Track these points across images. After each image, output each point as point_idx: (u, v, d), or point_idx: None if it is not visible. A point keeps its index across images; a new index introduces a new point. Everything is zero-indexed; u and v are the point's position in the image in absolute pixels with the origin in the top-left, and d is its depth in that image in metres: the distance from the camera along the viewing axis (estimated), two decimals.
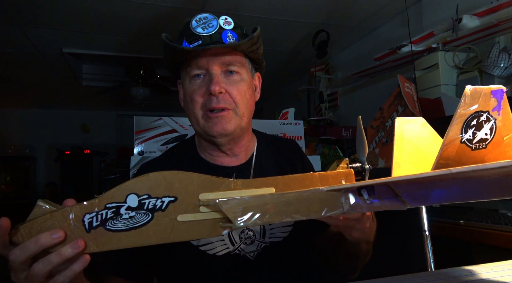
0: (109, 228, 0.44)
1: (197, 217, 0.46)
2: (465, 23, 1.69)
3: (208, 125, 0.78)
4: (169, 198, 0.45)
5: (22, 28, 2.77)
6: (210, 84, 0.75)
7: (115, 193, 0.44)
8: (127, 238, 0.44)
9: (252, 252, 0.78)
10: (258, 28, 0.78)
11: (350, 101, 3.30)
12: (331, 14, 2.62)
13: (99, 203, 0.44)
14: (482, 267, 0.66)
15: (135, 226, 0.44)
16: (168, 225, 0.45)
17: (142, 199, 0.44)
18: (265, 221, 0.43)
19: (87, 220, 0.44)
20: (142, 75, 3.91)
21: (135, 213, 0.44)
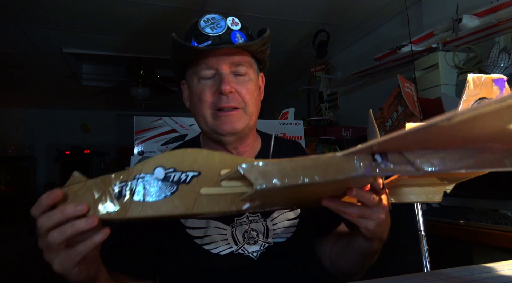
0: (136, 197, 0.47)
1: (219, 191, 0.49)
2: (465, 23, 1.69)
3: (217, 124, 0.78)
4: (193, 173, 0.48)
5: (22, 28, 2.78)
6: (221, 84, 0.76)
7: (144, 166, 0.48)
8: (153, 207, 0.47)
9: (256, 252, 0.79)
10: (267, 29, 0.80)
11: (350, 101, 3.30)
12: (331, 14, 2.62)
13: (128, 174, 0.47)
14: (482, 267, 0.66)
15: (161, 196, 0.47)
16: (191, 197, 0.48)
17: (168, 172, 0.47)
18: (284, 184, 0.44)
19: (117, 189, 0.47)
20: (142, 75, 3.91)
21: (161, 184, 0.47)
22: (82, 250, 0.48)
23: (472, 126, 0.38)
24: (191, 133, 1.55)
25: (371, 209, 0.59)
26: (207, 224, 0.79)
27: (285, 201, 0.60)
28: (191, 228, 0.79)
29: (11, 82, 4.40)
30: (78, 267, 0.50)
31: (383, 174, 0.46)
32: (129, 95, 4.15)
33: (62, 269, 0.50)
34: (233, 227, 0.80)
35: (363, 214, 0.60)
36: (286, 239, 0.82)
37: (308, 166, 0.45)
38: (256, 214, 0.82)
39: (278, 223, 0.83)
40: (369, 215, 0.60)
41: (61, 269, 0.50)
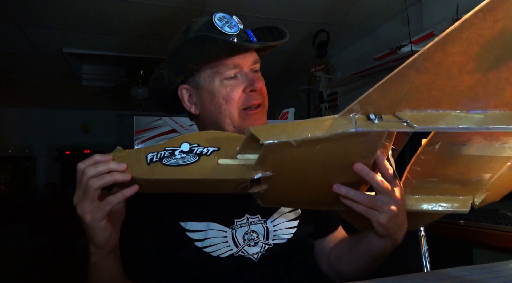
0: (164, 163, 0.56)
1: (234, 162, 0.57)
2: None
3: (247, 123, 0.79)
4: (213, 148, 0.57)
5: (22, 28, 2.77)
6: (252, 81, 0.78)
7: (173, 141, 0.58)
8: (177, 171, 0.56)
9: (256, 254, 0.78)
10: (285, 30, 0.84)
11: (350, 101, 3.26)
12: (331, 14, 2.62)
13: (159, 147, 0.58)
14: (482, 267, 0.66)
15: (185, 164, 0.56)
16: (210, 165, 0.56)
17: (192, 146, 0.57)
18: (289, 137, 0.50)
19: (150, 157, 0.57)
20: (142, 75, 3.91)
21: (186, 155, 0.57)
22: (112, 200, 0.57)
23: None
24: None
25: (382, 199, 0.59)
26: (207, 227, 0.78)
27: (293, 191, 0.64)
28: (191, 231, 0.78)
29: (11, 82, 4.40)
30: (105, 222, 0.58)
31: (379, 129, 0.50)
32: (129, 95, 4.14)
33: (91, 219, 0.57)
34: (233, 229, 0.79)
35: (374, 203, 0.59)
36: (287, 240, 0.81)
37: (310, 125, 0.50)
38: (256, 215, 0.82)
39: (278, 224, 0.82)
40: (380, 206, 0.59)
41: (91, 219, 0.57)
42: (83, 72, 4.06)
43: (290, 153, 0.52)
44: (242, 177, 0.56)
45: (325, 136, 0.50)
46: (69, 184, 5.76)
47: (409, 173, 0.64)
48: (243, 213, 0.81)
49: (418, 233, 1.07)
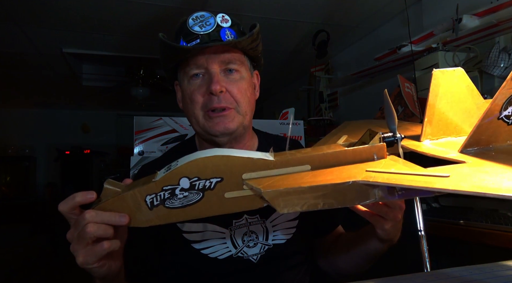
0: (168, 206, 0.52)
1: (241, 194, 0.53)
2: (465, 23, 1.69)
3: (209, 125, 0.77)
4: (216, 179, 0.52)
5: (22, 28, 2.77)
6: (210, 83, 0.74)
7: (169, 178, 0.51)
8: (183, 213, 0.52)
9: (255, 255, 0.77)
10: (257, 24, 0.77)
11: (350, 101, 3.30)
12: (331, 14, 2.62)
13: (156, 186, 0.51)
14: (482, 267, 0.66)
15: (189, 204, 0.52)
16: (216, 201, 0.52)
17: (193, 181, 0.51)
18: (304, 209, 0.47)
19: (149, 200, 0.52)
20: (142, 75, 3.91)
21: (188, 193, 0.51)
22: (108, 247, 0.53)
23: None
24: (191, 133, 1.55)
25: (388, 207, 0.59)
26: (204, 228, 0.77)
27: None
28: (187, 232, 0.77)
29: (11, 82, 4.40)
30: (100, 262, 0.55)
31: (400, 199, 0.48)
32: (129, 95, 4.14)
33: (84, 262, 0.54)
34: (231, 230, 0.78)
35: (380, 211, 0.60)
36: (286, 240, 0.81)
37: (328, 193, 0.47)
38: (255, 215, 0.81)
39: (278, 224, 0.82)
40: (386, 213, 0.60)
41: (84, 262, 0.54)
42: (83, 72, 4.06)
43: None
44: (251, 208, 0.54)
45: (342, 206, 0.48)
46: (69, 184, 5.76)
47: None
48: (241, 213, 0.80)
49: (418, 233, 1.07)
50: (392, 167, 0.49)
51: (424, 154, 0.53)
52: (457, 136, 0.55)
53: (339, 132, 0.70)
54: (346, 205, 0.48)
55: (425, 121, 0.55)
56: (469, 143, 0.49)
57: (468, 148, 0.50)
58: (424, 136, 0.56)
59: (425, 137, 0.56)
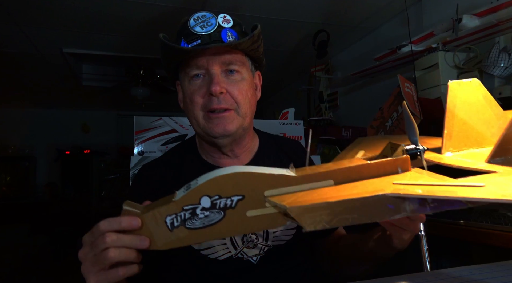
0: (189, 227, 0.50)
1: (264, 212, 0.51)
2: (465, 23, 1.69)
3: (209, 126, 0.76)
4: (237, 197, 0.50)
5: (22, 28, 2.77)
6: (210, 84, 0.74)
7: (190, 197, 0.50)
8: (205, 234, 0.50)
9: (255, 256, 0.77)
10: (258, 26, 0.77)
11: (350, 101, 3.30)
12: (331, 14, 2.62)
13: (177, 206, 0.50)
14: (482, 267, 0.66)
15: (211, 224, 0.50)
16: (238, 220, 0.50)
17: (213, 199, 0.49)
18: (332, 225, 0.45)
19: (169, 221, 0.50)
20: (142, 75, 3.91)
21: (209, 212, 0.50)
22: (124, 273, 0.51)
23: None
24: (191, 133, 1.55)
25: (410, 219, 0.59)
26: None
27: None
28: None
29: (11, 82, 4.40)
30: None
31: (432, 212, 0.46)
32: (129, 95, 4.14)
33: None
34: None
35: (402, 223, 0.59)
36: (286, 241, 0.80)
37: (357, 207, 0.45)
38: None
39: None
40: (407, 225, 0.59)
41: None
42: (83, 72, 4.06)
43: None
44: (273, 227, 0.52)
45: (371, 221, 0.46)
46: (69, 184, 5.76)
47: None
48: None
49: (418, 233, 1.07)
50: (419, 179, 0.48)
51: (449, 166, 0.52)
52: (479, 147, 0.54)
53: (354, 148, 0.68)
54: (375, 220, 0.46)
55: (445, 133, 0.54)
56: (496, 153, 0.48)
57: (496, 157, 0.49)
58: (445, 149, 0.54)
59: (446, 149, 0.54)
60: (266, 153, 0.88)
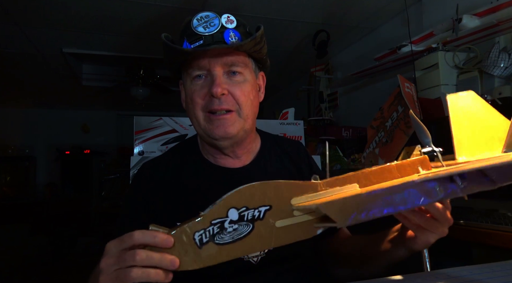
0: (218, 242, 0.48)
1: (293, 221, 0.49)
2: (465, 23, 1.69)
3: (210, 128, 0.76)
4: (264, 207, 0.49)
5: (22, 28, 2.77)
6: (212, 85, 0.73)
7: (217, 210, 0.48)
8: (235, 249, 0.48)
9: (256, 257, 0.76)
10: (261, 27, 0.76)
11: (350, 101, 3.30)
12: (331, 14, 2.62)
13: (204, 221, 0.48)
14: (482, 267, 0.66)
15: (240, 237, 0.48)
16: (268, 231, 0.49)
17: (241, 211, 0.48)
18: (368, 218, 0.44)
19: (197, 237, 0.48)
20: (142, 75, 3.91)
21: (237, 225, 0.48)
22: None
23: None
24: (191, 133, 1.55)
25: (439, 222, 0.57)
26: None
27: None
28: None
29: (11, 82, 4.40)
30: None
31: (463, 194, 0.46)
32: (129, 95, 4.14)
33: None
34: None
35: (430, 226, 0.57)
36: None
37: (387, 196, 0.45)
38: None
39: None
40: (435, 228, 0.58)
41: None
42: (83, 72, 4.06)
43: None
44: (305, 238, 0.50)
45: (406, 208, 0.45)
46: (69, 184, 5.77)
47: None
48: None
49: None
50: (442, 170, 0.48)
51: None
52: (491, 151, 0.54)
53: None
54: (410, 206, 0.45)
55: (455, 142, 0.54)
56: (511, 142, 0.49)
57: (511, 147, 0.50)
58: (459, 155, 0.54)
59: (460, 155, 0.54)
60: (267, 153, 0.88)
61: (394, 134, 1.74)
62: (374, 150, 1.86)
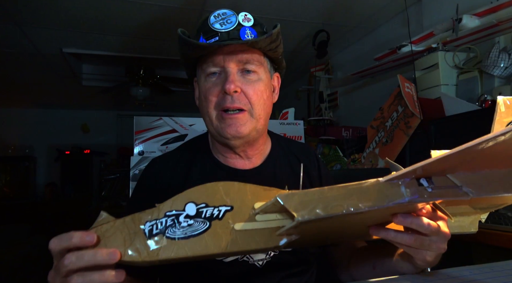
0: (168, 236, 0.44)
1: (254, 226, 0.47)
2: (465, 23, 1.69)
3: (222, 127, 0.75)
4: (225, 207, 0.46)
5: (22, 28, 2.77)
6: (225, 82, 0.73)
7: (175, 202, 0.46)
8: (186, 246, 0.45)
9: (261, 260, 0.75)
10: (278, 25, 0.76)
11: (350, 101, 3.30)
12: (331, 14, 2.62)
13: (159, 211, 0.45)
14: (482, 267, 0.66)
15: (194, 234, 0.45)
16: (225, 233, 0.46)
17: (200, 207, 0.46)
18: (328, 212, 0.42)
19: (148, 227, 0.44)
20: (142, 75, 3.91)
21: (193, 221, 0.45)
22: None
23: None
24: (191, 133, 1.55)
25: (430, 238, 0.53)
26: None
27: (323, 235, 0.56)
28: None
29: (11, 82, 4.40)
30: None
31: (431, 199, 0.44)
32: (129, 95, 4.15)
33: None
34: None
35: (421, 244, 0.53)
36: (293, 247, 0.78)
37: (351, 194, 0.43)
38: None
39: None
40: (428, 245, 0.54)
41: None
42: (83, 72, 4.06)
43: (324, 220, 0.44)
44: (265, 247, 0.47)
45: (372, 209, 0.43)
46: (69, 184, 5.77)
47: None
48: None
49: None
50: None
51: None
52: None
53: None
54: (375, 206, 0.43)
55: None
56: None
57: None
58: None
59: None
60: (277, 157, 0.87)
61: (394, 134, 1.74)
62: (374, 149, 1.86)
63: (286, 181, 0.83)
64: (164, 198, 0.79)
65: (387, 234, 0.53)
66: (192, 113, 5.87)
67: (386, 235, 0.53)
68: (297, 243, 0.51)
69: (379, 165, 1.77)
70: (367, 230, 0.54)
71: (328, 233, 0.56)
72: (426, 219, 0.52)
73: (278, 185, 0.84)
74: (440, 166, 0.44)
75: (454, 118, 1.44)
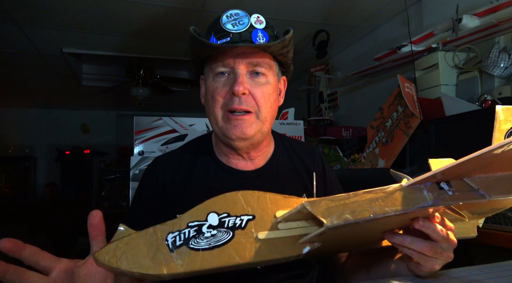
0: (192, 247, 0.43)
1: (277, 234, 0.46)
2: (465, 23, 1.69)
3: (227, 127, 0.75)
4: (247, 216, 0.46)
5: (22, 28, 2.77)
6: (234, 83, 0.73)
7: (196, 212, 0.45)
8: (211, 257, 0.44)
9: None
10: (291, 30, 0.76)
11: (350, 101, 3.30)
12: (331, 14, 2.62)
13: (181, 222, 0.44)
14: (482, 267, 0.66)
15: (218, 245, 0.44)
16: (249, 242, 0.45)
17: (222, 217, 0.45)
18: (356, 217, 0.42)
19: (171, 239, 0.43)
20: (142, 75, 3.91)
21: (216, 231, 0.44)
22: None
23: None
24: (191, 133, 1.55)
25: (442, 246, 0.54)
26: None
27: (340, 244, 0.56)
28: None
29: (11, 82, 4.40)
30: None
31: (452, 202, 0.45)
32: (129, 95, 4.14)
33: None
34: None
35: (434, 251, 0.54)
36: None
37: (376, 199, 0.44)
38: None
39: None
40: (440, 253, 0.54)
41: None
42: (83, 72, 4.06)
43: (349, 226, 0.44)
44: (289, 255, 0.47)
45: (398, 213, 0.43)
46: (69, 184, 5.76)
47: None
48: None
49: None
50: None
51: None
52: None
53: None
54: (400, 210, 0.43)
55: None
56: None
57: None
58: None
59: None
60: (280, 158, 0.87)
61: (394, 134, 1.74)
62: (374, 149, 1.86)
63: (288, 182, 0.83)
64: (167, 197, 0.78)
65: (403, 240, 0.53)
66: (192, 113, 5.87)
67: (402, 240, 0.53)
68: (319, 251, 0.50)
69: (379, 165, 1.77)
70: (380, 236, 0.54)
71: (345, 241, 0.56)
72: (439, 225, 0.52)
73: (280, 186, 0.83)
74: (458, 171, 0.45)
75: (454, 118, 1.44)
